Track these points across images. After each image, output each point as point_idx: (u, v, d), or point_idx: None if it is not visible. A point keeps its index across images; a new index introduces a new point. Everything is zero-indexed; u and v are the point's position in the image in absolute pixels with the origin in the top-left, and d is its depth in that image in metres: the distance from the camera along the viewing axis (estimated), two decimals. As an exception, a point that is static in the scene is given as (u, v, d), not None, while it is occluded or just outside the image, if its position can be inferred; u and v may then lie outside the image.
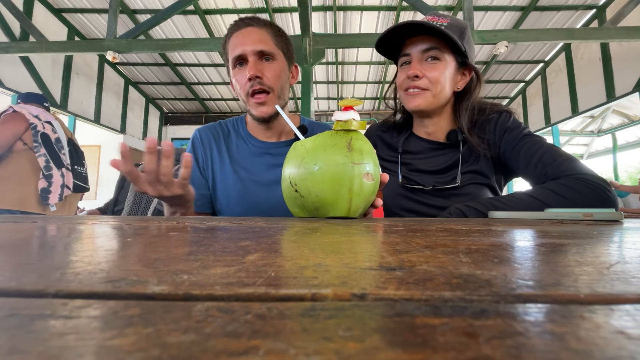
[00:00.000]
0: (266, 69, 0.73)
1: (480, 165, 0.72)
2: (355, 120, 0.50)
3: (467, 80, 0.74)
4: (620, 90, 3.76)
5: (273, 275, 0.13)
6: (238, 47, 0.73)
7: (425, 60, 0.71)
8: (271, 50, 0.74)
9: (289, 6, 4.02)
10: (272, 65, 0.74)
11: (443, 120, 0.77)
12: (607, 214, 0.42)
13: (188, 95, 6.26)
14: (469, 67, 0.73)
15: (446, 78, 0.71)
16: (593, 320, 0.09)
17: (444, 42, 0.69)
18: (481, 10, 3.99)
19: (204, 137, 0.83)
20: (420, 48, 0.71)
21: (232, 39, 0.75)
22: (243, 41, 0.73)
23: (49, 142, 1.86)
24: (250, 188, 0.78)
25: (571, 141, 7.34)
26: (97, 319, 0.09)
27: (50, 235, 0.28)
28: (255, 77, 0.71)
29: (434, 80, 0.70)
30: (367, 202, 0.51)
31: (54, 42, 3.22)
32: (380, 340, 0.07)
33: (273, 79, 0.73)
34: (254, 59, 0.72)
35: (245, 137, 0.83)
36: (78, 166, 2.07)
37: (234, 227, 0.32)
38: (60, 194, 1.86)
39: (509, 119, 0.72)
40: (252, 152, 0.81)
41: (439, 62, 0.70)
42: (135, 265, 0.15)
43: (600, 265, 0.15)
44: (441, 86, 0.70)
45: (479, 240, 0.23)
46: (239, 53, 0.72)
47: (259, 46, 0.72)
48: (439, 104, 0.73)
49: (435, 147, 0.77)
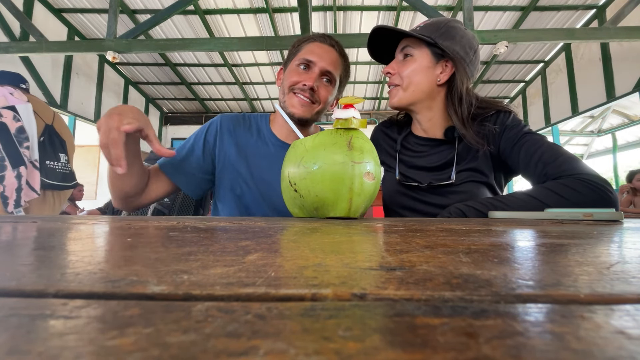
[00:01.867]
0: (322, 87, 0.79)
1: (479, 162, 0.72)
2: (356, 118, 0.49)
3: (450, 71, 0.73)
4: (620, 90, 3.76)
5: (273, 275, 0.13)
6: (315, 55, 0.78)
7: (403, 59, 0.75)
8: (335, 76, 0.80)
9: (289, 6, 4.01)
10: (328, 87, 0.80)
11: (436, 116, 0.77)
12: (607, 214, 0.42)
13: (188, 95, 6.26)
14: (448, 59, 0.73)
15: (417, 71, 0.73)
16: (593, 320, 0.09)
17: (415, 39, 0.74)
18: (481, 10, 3.98)
19: (224, 127, 0.83)
20: (398, 49, 0.76)
21: (312, 45, 0.80)
22: (322, 55, 0.78)
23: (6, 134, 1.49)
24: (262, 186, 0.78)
25: (571, 141, 7.34)
26: (97, 319, 0.09)
27: (50, 235, 0.28)
28: (311, 89, 0.76)
29: (402, 75, 0.74)
30: (368, 202, 0.51)
31: (54, 42, 3.22)
32: (380, 340, 0.07)
33: (322, 97, 0.79)
34: (318, 73, 0.78)
35: (267, 135, 0.84)
36: (51, 161, 1.69)
37: (233, 227, 0.32)
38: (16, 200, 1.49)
39: (509, 117, 0.72)
40: (271, 150, 0.81)
41: (409, 58, 0.74)
42: (135, 265, 0.15)
43: (600, 265, 0.15)
44: (410, 80, 0.73)
45: (479, 240, 0.23)
46: (313, 60, 0.77)
47: (331, 67, 0.78)
48: (417, 98, 0.74)
49: (432, 144, 0.78)
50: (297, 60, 0.79)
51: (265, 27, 4.39)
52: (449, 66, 0.73)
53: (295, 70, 0.78)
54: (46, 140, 1.68)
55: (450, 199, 0.70)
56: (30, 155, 1.57)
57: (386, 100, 6.51)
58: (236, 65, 5.33)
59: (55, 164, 1.73)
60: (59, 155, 1.75)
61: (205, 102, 6.55)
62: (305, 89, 0.76)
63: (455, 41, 0.73)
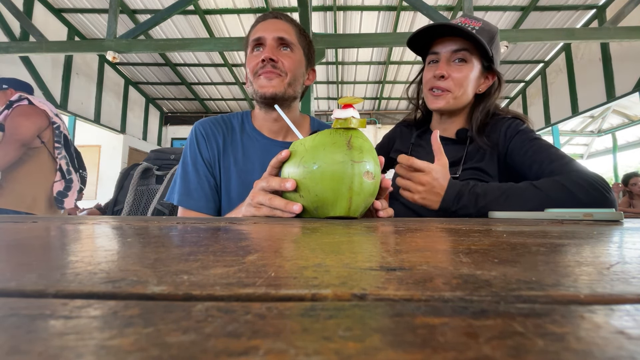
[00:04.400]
0: (283, 56, 0.72)
1: (485, 163, 0.73)
2: (355, 118, 0.49)
3: (489, 84, 0.75)
4: (620, 90, 3.76)
5: (273, 275, 0.13)
6: (259, 31, 0.73)
7: (453, 61, 0.72)
8: (291, 40, 0.74)
9: (289, 6, 4.02)
10: (290, 54, 0.74)
11: (459, 119, 0.79)
12: (607, 214, 0.42)
13: (188, 95, 6.26)
14: (492, 71, 0.75)
15: (470, 81, 0.72)
16: (593, 320, 0.09)
17: (472, 45, 0.71)
18: (481, 10, 3.99)
19: (207, 131, 0.78)
20: (450, 49, 0.72)
21: (256, 27, 0.75)
22: (265, 27, 0.73)
23: (69, 144, 1.78)
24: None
25: (571, 141, 7.34)
26: (97, 319, 0.09)
27: (50, 235, 0.28)
28: (270, 60, 0.70)
29: (458, 82, 0.72)
30: (368, 202, 0.51)
31: (54, 42, 3.22)
32: (380, 340, 0.07)
33: (288, 65, 0.72)
34: (273, 44, 0.72)
35: (251, 132, 0.79)
36: (82, 170, 1.94)
37: (233, 227, 0.32)
38: (76, 199, 1.79)
39: (522, 125, 0.73)
40: (260, 149, 0.78)
41: (465, 64, 0.72)
42: (135, 266, 0.15)
43: (600, 266, 0.15)
44: (464, 89, 0.72)
45: (479, 240, 0.23)
46: (259, 36, 0.73)
47: (281, 33, 0.72)
48: (460, 106, 0.75)
49: (444, 142, 0.78)
50: (250, 47, 0.75)
51: (265, 27, 4.39)
52: (490, 78, 0.75)
53: (251, 56, 0.74)
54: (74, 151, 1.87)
55: None
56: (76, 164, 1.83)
57: (386, 100, 6.51)
58: (236, 65, 5.33)
59: (85, 173, 1.94)
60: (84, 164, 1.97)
61: (205, 102, 6.55)
62: (264, 64, 0.71)
63: (498, 55, 0.75)
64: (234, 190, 0.76)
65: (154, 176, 1.17)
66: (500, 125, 0.74)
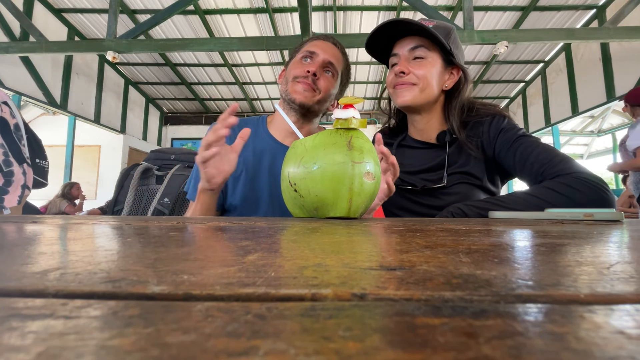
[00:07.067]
0: (324, 77, 0.80)
1: (471, 167, 0.73)
2: (356, 118, 0.49)
3: (456, 79, 0.76)
4: (620, 90, 3.76)
5: (273, 275, 0.13)
6: (316, 47, 0.80)
7: (413, 59, 0.74)
8: (336, 69, 0.82)
9: (289, 6, 4.01)
10: (329, 78, 0.81)
11: (434, 120, 0.78)
12: (608, 214, 0.42)
13: (188, 95, 6.26)
14: (456, 66, 0.75)
15: (432, 75, 0.73)
16: (593, 320, 0.09)
17: (429, 42, 0.73)
18: (481, 10, 3.99)
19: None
20: (407, 47, 0.74)
21: (315, 42, 0.83)
22: (323, 47, 0.81)
23: (8, 130, 1.44)
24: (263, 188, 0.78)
25: (571, 141, 7.34)
26: (97, 319, 0.09)
27: (50, 235, 0.28)
28: (314, 75, 0.78)
29: (420, 76, 0.73)
30: (368, 202, 0.51)
31: (54, 42, 3.22)
32: (380, 340, 0.07)
33: (325, 86, 0.80)
34: (321, 63, 0.79)
35: (264, 136, 0.84)
36: (40, 159, 1.66)
37: (234, 227, 0.32)
38: (20, 195, 1.48)
39: (504, 121, 0.73)
40: (269, 151, 0.81)
41: (424, 60, 0.73)
42: (135, 265, 0.15)
43: (600, 265, 0.15)
44: (427, 82, 0.73)
45: (479, 240, 0.23)
46: (315, 51, 0.80)
47: (332, 59, 0.80)
48: (427, 100, 0.75)
49: (425, 147, 0.79)
50: (300, 54, 0.81)
51: (265, 27, 4.40)
52: (455, 74, 0.76)
53: (298, 62, 0.81)
54: (31, 138, 1.61)
55: (443, 200, 0.72)
56: (25, 153, 1.52)
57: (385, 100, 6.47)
58: (236, 65, 5.33)
59: (44, 162, 1.70)
60: (44, 153, 1.71)
61: (205, 102, 6.55)
62: (307, 75, 0.78)
63: (459, 50, 0.76)
64: (239, 190, 0.78)
65: (154, 176, 1.17)
66: (481, 125, 0.74)
